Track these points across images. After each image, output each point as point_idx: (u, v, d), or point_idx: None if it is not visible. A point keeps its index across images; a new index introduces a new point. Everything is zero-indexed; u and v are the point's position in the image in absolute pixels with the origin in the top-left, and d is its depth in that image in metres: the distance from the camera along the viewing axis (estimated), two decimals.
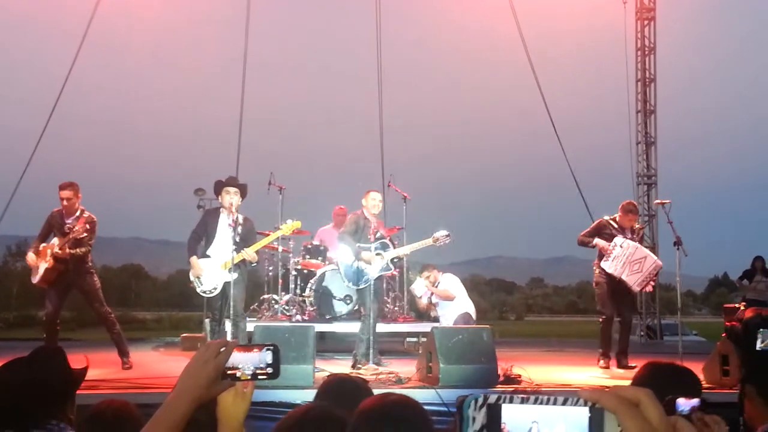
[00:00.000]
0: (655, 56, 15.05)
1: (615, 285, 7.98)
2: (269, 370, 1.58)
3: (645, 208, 14.69)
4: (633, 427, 0.83)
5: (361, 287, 7.60)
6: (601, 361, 7.93)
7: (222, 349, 1.54)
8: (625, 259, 7.81)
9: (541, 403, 0.85)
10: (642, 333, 14.37)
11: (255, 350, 1.58)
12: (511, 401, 0.85)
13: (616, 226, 8.09)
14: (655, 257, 8.16)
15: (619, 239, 7.91)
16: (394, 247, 7.92)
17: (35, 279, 7.38)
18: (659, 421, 0.84)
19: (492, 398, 0.85)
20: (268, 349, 1.58)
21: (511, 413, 0.85)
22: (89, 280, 7.45)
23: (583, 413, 0.84)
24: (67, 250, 7.20)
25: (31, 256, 7.39)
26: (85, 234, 7.25)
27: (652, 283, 8.18)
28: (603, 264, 7.91)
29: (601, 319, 8.14)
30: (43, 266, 7.28)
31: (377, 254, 7.58)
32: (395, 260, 7.70)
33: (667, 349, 11.78)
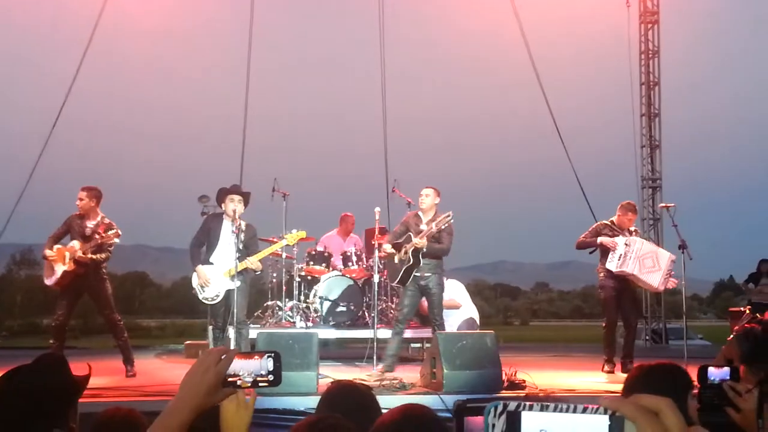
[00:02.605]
0: (659, 59, 15.04)
1: (620, 288, 7.92)
2: (270, 377, 1.56)
3: (650, 211, 14.67)
4: None
5: (395, 284, 7.95)
6: (605, 367, 7.89)
7: (222, 357, 1.52)
8: (635, 256, 7.71)
9: (561, 411, 0.84)
10: (647, 337, 14.33)
11: (256, 357, 1.56)
12: (530, 409, 0.85)
13: (614, 227, 8.05)
14: (666, 251, 8.10)
15: (622, 238, 7.83)
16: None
17: (50, 281, 7.30)
18: (679, 430, 0.84)
19: (511, 406, 0.85)
20: (269, 356, 1.57)
21: (528, 421, 0.84)
22: (103, 286, 7.38)
23: (602, 421, 0.84)
24: (89, 255, 7.15)
25: (49, 265, 7.33)
26: (116, 240, 7.22)
27: (674, 278, 7.94)
28: (609, 265, 7.79)
29: (603, 324, 8.11)
30: (60, 268, 7.19)
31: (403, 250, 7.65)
32: (415, 252, 7.60)
33: (673, 354, 11.73)
